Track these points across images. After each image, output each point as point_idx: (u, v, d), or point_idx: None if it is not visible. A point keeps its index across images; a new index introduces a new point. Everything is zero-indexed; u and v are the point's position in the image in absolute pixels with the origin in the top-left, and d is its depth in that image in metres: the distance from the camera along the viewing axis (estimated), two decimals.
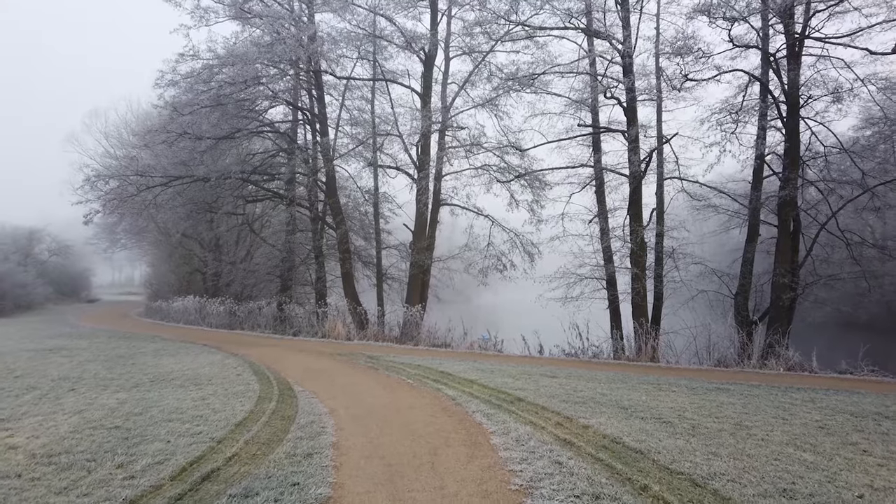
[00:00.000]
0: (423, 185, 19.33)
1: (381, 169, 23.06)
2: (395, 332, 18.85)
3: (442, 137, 19.79)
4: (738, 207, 18.43)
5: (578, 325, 15.36)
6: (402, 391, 8.56)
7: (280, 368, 10.95)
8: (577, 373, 10.47)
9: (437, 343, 17.04)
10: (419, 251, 20.32)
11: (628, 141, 16.21)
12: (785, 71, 15.39)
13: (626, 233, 17.23)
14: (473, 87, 21.60)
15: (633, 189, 16.39)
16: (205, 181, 19.72)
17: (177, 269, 30.69)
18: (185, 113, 18.79)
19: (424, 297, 20.93)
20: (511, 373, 10.22)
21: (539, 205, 20.69)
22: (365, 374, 10.31)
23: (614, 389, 8.68)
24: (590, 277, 17.97)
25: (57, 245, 49.02)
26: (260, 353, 13.43)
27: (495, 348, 15.99)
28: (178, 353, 13.28)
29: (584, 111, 18.81)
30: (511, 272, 21.54)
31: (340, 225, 21.11)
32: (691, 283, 19.08)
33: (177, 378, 9.74)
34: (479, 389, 8.57)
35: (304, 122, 23.25)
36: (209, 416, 6.77)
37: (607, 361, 13.29)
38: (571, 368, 11.12)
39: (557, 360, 13.62)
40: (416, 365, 11.27)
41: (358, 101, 23.94)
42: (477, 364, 11.58)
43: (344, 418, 6.81)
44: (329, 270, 25.73)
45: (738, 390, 8.82)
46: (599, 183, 18.32)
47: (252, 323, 21.12)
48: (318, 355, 13.19)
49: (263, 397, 8.09)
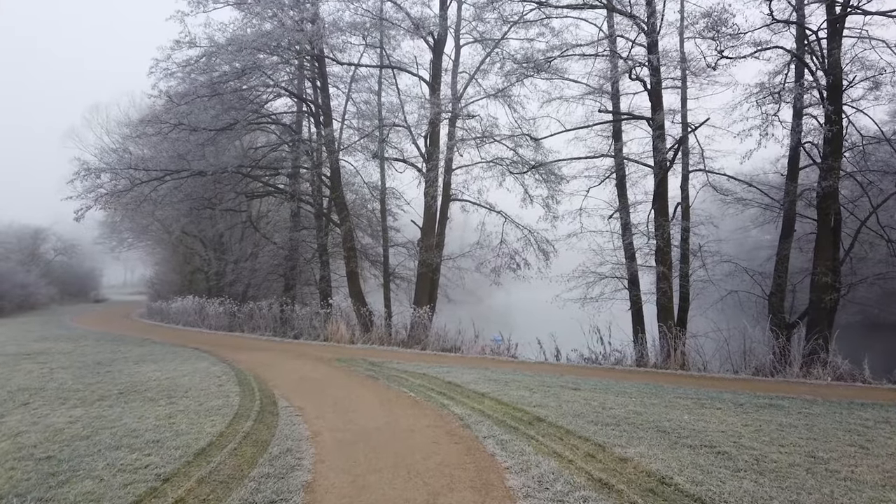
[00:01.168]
0: (432, 177, 18.14)
1: (388, 163, 21.90)
2: (401, 335, 17.72)
3: (452, 126, 18.60)
4: (767, 201, 17.10)
5: (599, 329, 14.15)
6: (402, 407, 7.39)
7: (269, 377, 9.82)
8: (603, 384, 9.24)
9: (446, 347, 15.87)
10: (428, 249, 19.15)
11: (653, 128, 14.93)
12: (825, 51, 14.04)
13: (650, 228, 15.95)
14: (485, 76, 20.42)
15: (658, 181, 15.10)
16: (202, 175, 18.68)
17: (180, 269, 29.77)
18: (181, 103, 17.78)
19: (433, 298, 19.78)
20: (528, 384, 9.01)
21: (554, 200, 19.46)
22: (363, 384, 9.15)
23: (649, 406, 7.44)
24: (610, 277, 16.70)
25: (63, 244, 48.35)
26: (253, 359, 12.33)
27: (508, 353, 14.79)
28: (164, 358, 12.21)
29: (603, 98, 17.58)
30: (525, 271, 20.25)
31: (345, 221, 19.99)
32: (719, 283, 17.75)
33: (150, 389, 8.64)
34: (492, 406, 7.38)
35: (307, 114, 22.13)
36: (167, 442, 5.64)
37: (632, 369, 12.04)
38: (596, 379, 9.88)
39: (577, 367, 12.39)
40: (420, 374, 10.09)
41: (365, 94, 22.75)
42: (489, 373, 10.38)
43: (328, 445, 5.65)
44: (335, 269, 24.65)
45: (794, 407, 7.55)
46: (620, 175, 17.06)
47: (253, 325, 20.06)
48: (315, 361, 12.06)
49: (240, 415, 6.96)
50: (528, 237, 19.99)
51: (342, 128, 21.86)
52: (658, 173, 14.90)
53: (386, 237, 21.49)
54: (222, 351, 13.92)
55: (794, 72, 14.81)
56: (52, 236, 47.61)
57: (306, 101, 21.26)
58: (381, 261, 21.98)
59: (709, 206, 20.28)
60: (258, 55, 17.31)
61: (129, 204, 19.57)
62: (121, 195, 18.45)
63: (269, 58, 17.84)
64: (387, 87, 21.97)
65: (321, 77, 20.11)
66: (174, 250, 29.40)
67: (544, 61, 14.80)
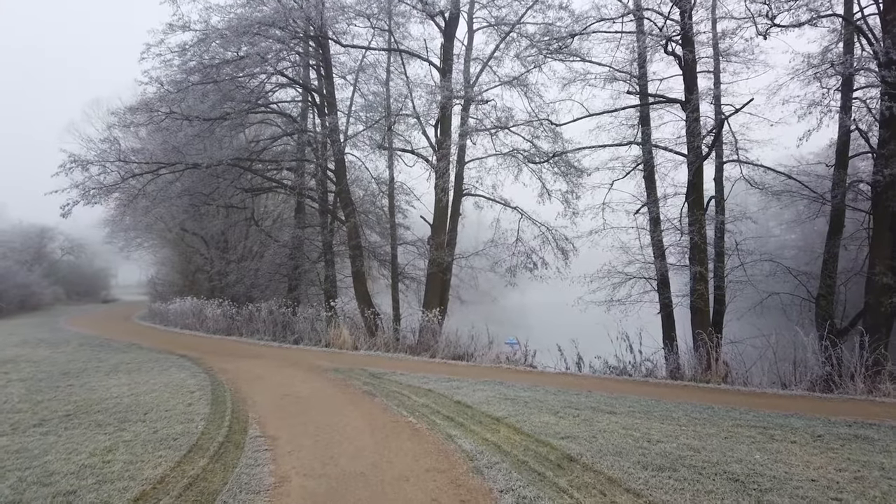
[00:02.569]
0: (443, 168, 16.72)
1: (397, 157, 20.50)
2: (409, 341, 16.35)
3: (465, 111, 17.17)
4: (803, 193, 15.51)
5: (629, 336, 12.67)
6: (399, 439, 5.99)
7: (250, 393, 8.47)
8: (641, 404, 7.76)
9: (457, 354, 14.47)
10: (438, 247, 17.73)
11: (687, 111, 13.38)
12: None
13: (683, 223, 14.41)
14: (500, 64, 18.94)
15: (694, 170, 13.53)
16: (196, 168, 17.42)
17: (181, 269, 28.64)
18: (175, 90, 16.56)
19: (444, 300, 18.36)
20: (551, 404, 7.56)
21: (574, 195, 17.94)
22: (356, 404, 7.76)
23: (704, 437, 5.98)
24: (638, 277, 15.16)
25: (70, 244, 47.55)
26: (240, 369, 11.02)
27: (525, 361, 13.35)
28: (140, 368, 10.92)
29: (630, 82, 16.04)
30: (542, 271, 18.74)
31: (350, 217, 18.63)
32: (758, 284, 16.15)
33: (105, 410, 7.33)
34: (509, 437, 5.95)
35: (311, 104, 20.79)
36: (84, 495, 4.29)
37: (668, 382, 10.54)
38: (632, 397, 8.39)
39: (604, 379, 10.92)
40: (426, 389, 8.68)
41: (372, 85, 21.30)
42: (504, 388, 8.95)
43: (292, 501, 4.27)
44: (341, 270, 23.34)
45: (886, 439, 6.04)
46: (649, 165, 15.50)
47: (252, 328, 18.80)
48: (308, 372, 10.70)
49: (198, 448, 5.61)
50: (546, 235, 18.48)
51: (348, 121, 20.53)
52: (693, 162, 13.33)
53: (394, 234, 20.07)
54: (210, 358, 12.63)
55: (844, 46, 13.19)
56: (60, 235, 46.79)
57: (309, 89, 19.92)
58: (389, 260, 20.59)
59: (742, 201, 18.71)
60: (257, 38, 16.02)
61: (121, 199, 18.39)
62: (110, 190, 17.24)
63: (269, 41, 16.53)
64: (395, 77, 20.57)
65: (325, 63, 18.76)
66: (175, 249, 28.27)
67: (567, 36, 13.29)
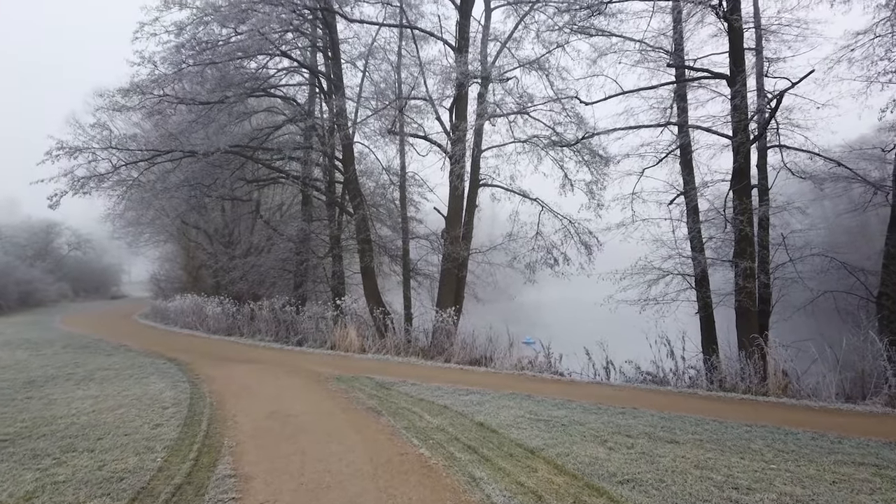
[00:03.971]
0: (459, 153, 15.35)
1: (408, 145, 19.08)
2: (422, 342, 15.02)
3: (483, 88, 15.74)
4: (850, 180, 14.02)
5: (669, 339, 11.24)
6: (406, 483, 4.62)
7: (233, 411, 7.16)
8: (704, 427, 6.32)
9: (474, 358, 13.11)
10: (454, 241, 16.33)
11: (732, 86, 11.83)
12: None
13: (727, 214, 12.90)
14: (519, 46, 17.49)
15: (739, 154, 11.99)
16: (193, 156, 16.16)
17: (185, 265, 27.51)
18: (169, 71, 15.32)
19: (460, 298, 16.98)
20: (595, 428, 6.17)
21: (600, 185, 16.50)
22: (358, 427, 6.41)
23: (806, 482, 4.55)
24: (675, 273, 13.68)
25: (77, 239, 46.64)
26: (231, 377, 9.73)
27: (551, 368, 11.93)
28: (117, 376, 9.66)
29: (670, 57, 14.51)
30: (564, 267, 17.27)
31: (359, 208, 17.28)
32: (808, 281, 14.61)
33: (54, 433, 6.05)
34: (551, 481, 4.57)
35: (317, 89, 19.42)
36: None
37: (719, 395, 9.10)
38: (690, 417, 6.93)
39: (645, 390, 9.50)
40: (441, 406, 7.31)
41: (383, 64, 19.78)
42: (533, 403, 7.56)
43: None
44: (351, 265, 22.03)
45: None
46: (686, 150, 14.01)
47: (254, 328, 17.57)
48: (307, 381, 9.39)
49: (146, 494, 4.30)
50: (568, 228, 17.02)
51: (357, 108, 19.14)
52: (743, 144, 11.79)
53: (406, 228, 18.65)
54: (201, 363, 11.37)
55: None
56: (67, 231, 45.90)
57: (314, 72, 18.58)
58: (401, 255, 19.19)
59: (783, 190, 17.15)
60: (257, 11, 14.73)
61: (114, 190, 17.19)
62: (102, 179, 16.01)
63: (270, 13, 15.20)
64: (406, 60, 19.14)
65: (331, 44, 17.40)
66: (178, 244, 27.16)
67: (598, 3, 11.79)
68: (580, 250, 17.02)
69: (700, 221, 13.77)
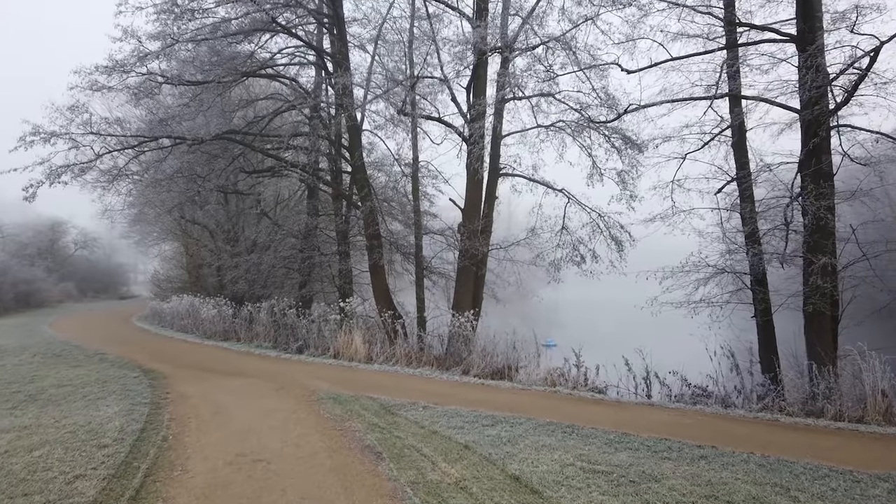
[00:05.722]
0: (478, 133, 13.64)
1: (421, 132, 17.32)
2: (437, 350, 13.33)
3: (506, 66, 13.95)
4: None
5: (734, 352, 9.46)
6: None
7: (188, 452, 5.49)
8: (833, 487, 4.52)
9: (496, 368, 11.37)
10: (471, 235, 14.59)
11: (802, 47, 9.92)
12: None
13: (796, 202, 10.97)
14: (542, 23, 15.64)
15: (811, 130, 10.09)
16: (182, 142, 14.60)
17: (185, 263, 26.05)
18: (157, 48, 13.81)
19: (478, 299, 15.25)
20: (680, 490, 4.38)
21: (635, 172, 14.74)
22: (346, 483, 4.69)
23: None
24: (728, 271, 11.81)
25: (84, 237, 45.43)
26: (206, 396, 8.09)
27: (587, 384, 10.15)
28: (69, 397, 8.04)
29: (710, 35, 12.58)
30: (591, 265, 15.49)
31: (366, 199, 15.61)
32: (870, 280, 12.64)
33: None
34: None
35: (324, 72, 17.66)
36: None
37: (807, 424, 7.28)
38: (797, 464, 5.11)
39: (714, 417, 7.70)
40: (461, 446, 5.58)
41: (395, 55, 17.98)
42: (580, 441, 5.78)
43: None
44: (360, 263, 20.30)
45: None
46: (739, 130, 12.10)
47: (252, 333, 15.98)
48: (297, 403, 7.71)
49: None
50: (597, 222, 15.23)
51: (366, 94, 17.37)
52: (817, 117, 9.88)
53: (419, 221, 16.85)
54: (180, 377, 9.76)
55: None
56: (73, 229, 44.68)
57: (317, 50, 16.87)
58: (413, 252, 17.42)
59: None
60: None
61: (99, 180, 15.71)
62: (83, 169, 14.49)
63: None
64: (419, 47, 17.33)
65: (336, 19, 15.68)
66: (178, 241, 25.73)
67: None
68: (610, 246, 15.25)
69: (757, 211, 11.88)
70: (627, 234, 15.08)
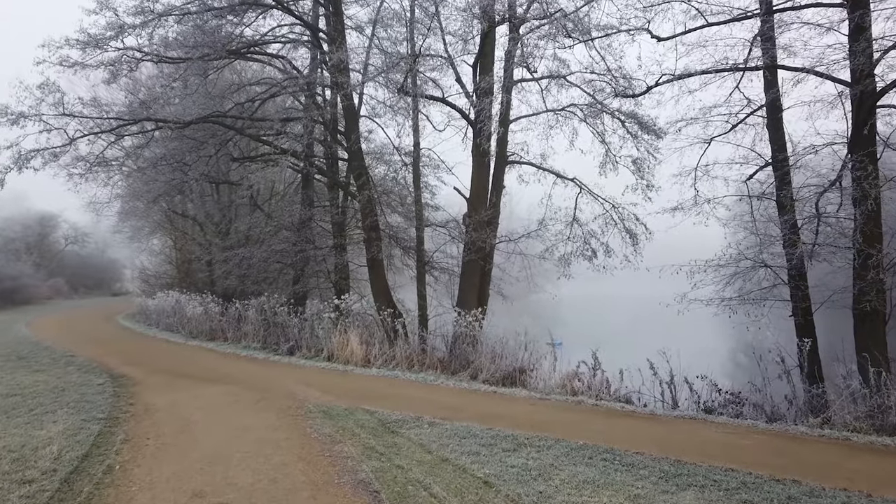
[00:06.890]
0: (486, 113, 12.50)
1: (423, 117, 16.11)
2: (440, 352, 12.19)
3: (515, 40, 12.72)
4: None
5: (783, 356, 8.33)
6: None
7: (134, 489, 4.33)
8: None
9: (507, 372, 10.21)
10: (478, 227, 13.42)
11: (854, 11, 8.74)
12: None
13: (848, 186, 9.77)
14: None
15: (864, 105, 8.93)
16: (163, 125, 13.43)
17: (174, 258, 24.87)
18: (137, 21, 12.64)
19: (484, 296, 14.10)
20: None
21: (653, 160, 13.65)
22: None
23: None
24: (772, 266, 10.65)
25: (74, 232, 44.11)
26: (175, 409, 6.93)
27: (611, 392, 9.00)
28: (12, 410, 6.86)
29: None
30: (603, 260, 14.36)
31: (364, 188, 14.43)
32: None
33: None
34: None
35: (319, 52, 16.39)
36: None
37: (885, 443, 6.14)
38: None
39: (767, 434, 6.57)
40: (478, 481, 4.41)
41: (394, 33, 16.71)
42: (628, 475, 4.61)
43: None
44: (358, 257, 19.09)
45: None
46: (774, 108, 10.91)
47: (240, 332, 14.84)
48: (281, 418, 6.55)
49: None
50: (611, 214, 14.11)
51: (364, 75, 16.12)
52: (865, 92, 8.71)
53: (420, 212, 15.62)
54: (151, 383, 8.61)
55: None
56: (64, 223, 43.36)
57: (311, 27, 15.62)
58: (414, 246, 16.21)
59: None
60: None
61: (75, 167, 14.52)
62: (55, 154, 13.27)
63: None
64: (421, 28, 16.07)
65: None
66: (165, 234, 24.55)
67: None
68: (625, 239, 14.14)
69: (794, 199, 10.71)
70: (643, 227, 13.99)
